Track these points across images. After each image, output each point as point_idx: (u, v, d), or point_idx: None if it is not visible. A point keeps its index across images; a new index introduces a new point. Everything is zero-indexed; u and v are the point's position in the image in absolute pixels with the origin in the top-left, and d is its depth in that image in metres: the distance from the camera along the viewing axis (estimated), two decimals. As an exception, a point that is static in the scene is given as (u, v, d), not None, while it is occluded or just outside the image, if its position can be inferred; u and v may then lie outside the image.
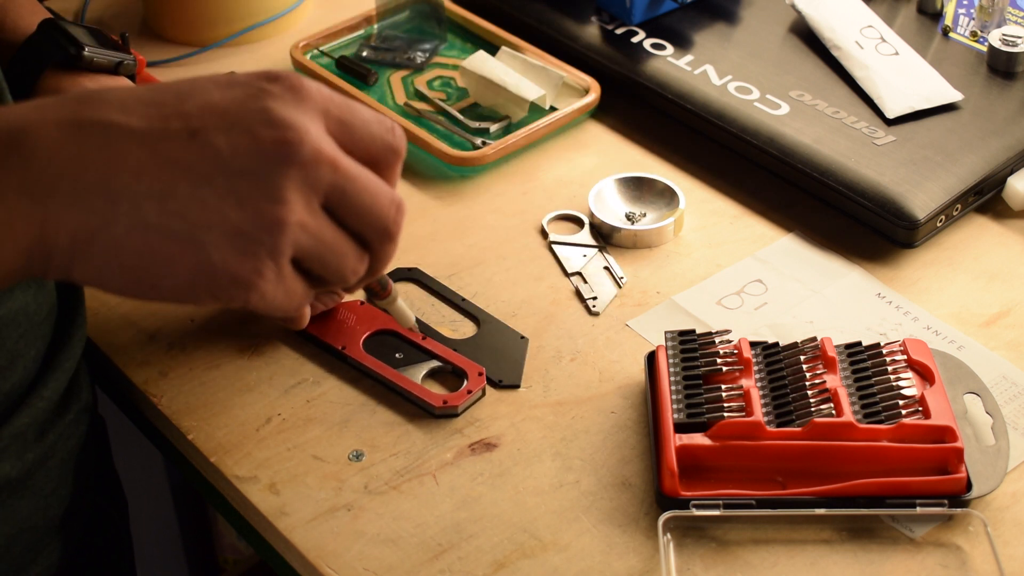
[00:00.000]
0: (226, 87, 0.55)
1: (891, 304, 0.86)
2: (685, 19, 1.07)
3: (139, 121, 0.53)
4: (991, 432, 0.75)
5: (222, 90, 0.55)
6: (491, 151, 0.97)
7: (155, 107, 0.53)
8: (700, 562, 0.70)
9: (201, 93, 0.54)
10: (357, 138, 0.57)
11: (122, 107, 0.53)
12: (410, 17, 1.11)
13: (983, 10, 1.01)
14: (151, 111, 0.53)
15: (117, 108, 0.53)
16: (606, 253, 0.91)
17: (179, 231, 0.53)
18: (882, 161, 0.91)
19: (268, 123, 0.53)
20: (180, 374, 0.82)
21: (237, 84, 0.55)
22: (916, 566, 0.70)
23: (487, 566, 0.71)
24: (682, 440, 0.73)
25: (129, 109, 0.53)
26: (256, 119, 0.53)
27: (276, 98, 0.54)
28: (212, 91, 0.55)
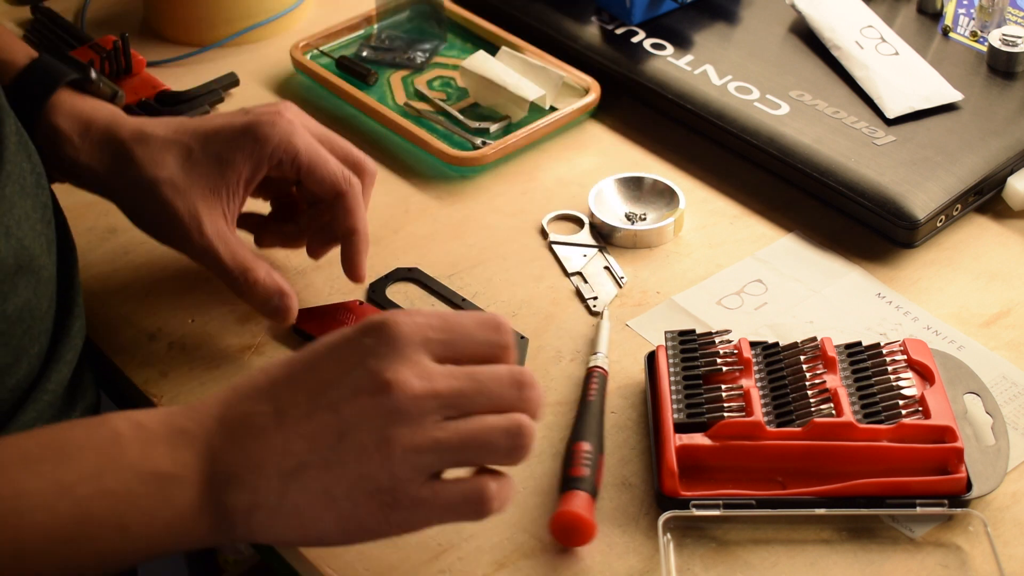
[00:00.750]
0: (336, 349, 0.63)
1: (891, 304, 0.86)
2: (685, 19, 1.07)
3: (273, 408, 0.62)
4: (991, 432, 0.75)
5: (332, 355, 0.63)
6: (491, 151, 0.97)
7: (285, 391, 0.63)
8: (700, 562, 0.70)
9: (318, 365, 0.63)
10: (462, 350, 0.64)
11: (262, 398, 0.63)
12: (410, 17, 1.11)
13: (983, 10, 1.01)
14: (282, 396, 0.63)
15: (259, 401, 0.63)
16: (606, 253, 0.91)
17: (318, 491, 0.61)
18: (882, 161, 0.91)
19: (366, 386, 0.61)
20: (180, 374, 0.82)
21: (345, 344, 0.63)
22: (916, 566, 0.70)
23: (487, 566, 0.71)
24: (682, 440, 0.73)
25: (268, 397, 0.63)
26: (358, 380, 0.62)
27: (374, 354, 0.62)
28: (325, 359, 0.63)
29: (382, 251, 0.91)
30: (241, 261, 0.81)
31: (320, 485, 0.61)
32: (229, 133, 0.81)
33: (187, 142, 0.81)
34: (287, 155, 0.81)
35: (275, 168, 0.81)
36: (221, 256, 0.80)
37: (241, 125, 0.81)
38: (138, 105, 1.03)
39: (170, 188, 0.80)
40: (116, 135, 0.81)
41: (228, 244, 0.81)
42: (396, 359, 0.62)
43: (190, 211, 0.80)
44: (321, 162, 0.81)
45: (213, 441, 0.62)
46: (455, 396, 0.62)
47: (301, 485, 0.61)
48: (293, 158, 0.81)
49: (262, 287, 0.81)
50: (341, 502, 0.61)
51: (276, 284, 0.81)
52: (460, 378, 0.62)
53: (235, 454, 0.62)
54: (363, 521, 0.62)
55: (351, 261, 0.84)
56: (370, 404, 0.61)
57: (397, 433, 0.61)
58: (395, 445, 0.61)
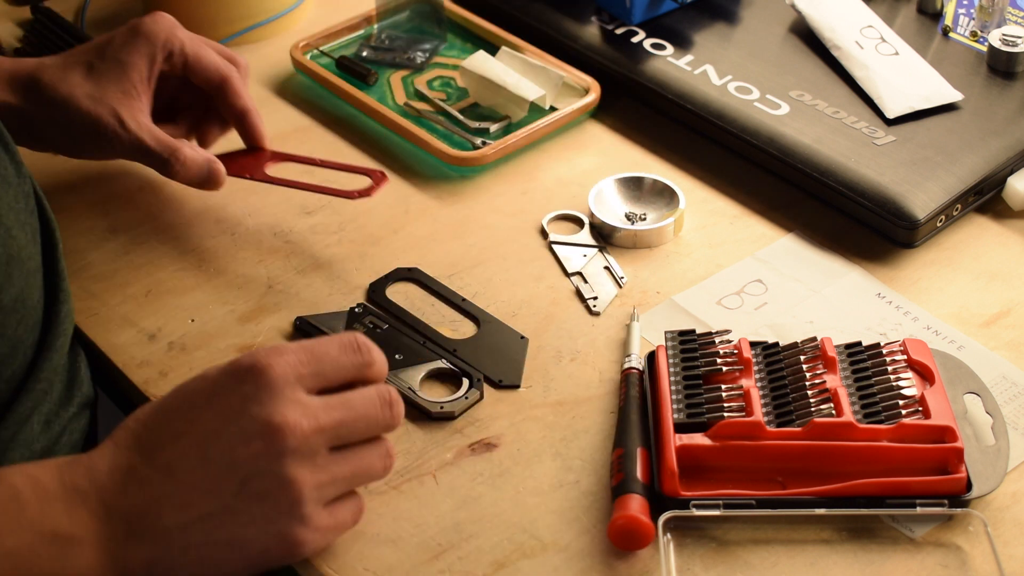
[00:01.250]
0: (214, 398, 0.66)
1: (891, 304, 0.86)
2: (685, 19, 1.07)
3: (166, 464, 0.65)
4: (991, 432, 0.75)
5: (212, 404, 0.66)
6: (491, 151, 0.97)
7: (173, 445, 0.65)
8: (700, 562, 0.70)
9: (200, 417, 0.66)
10: (332, 377, 0.68)
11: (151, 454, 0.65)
12: (410, 17, 1.11)
13: (983, 10, 1.01)
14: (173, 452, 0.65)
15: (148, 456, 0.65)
16: (606, 253, 0.91)
17: (222, 540, 0.65)
18: (882, 161, 0.91)
19: (257, 429, 0.64)
20: (180, 374, 0.82)
21: (221, 392, 0.66)
22: (916, 566, 0.70)
23: (487, 566, 0.71)
24: (682, 440, 0.73)
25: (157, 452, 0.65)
26: (246, 429, 0.64)
27: (251, 400, 0.65)
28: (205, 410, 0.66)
29: (382, 251, 0.91)
30: (167, 143, 0.88)
31: (226, 533, 0.65)
32: (120, 39, 0.89)
33: (86, 59, 0.88)
34: (174, 46, 0.89)
35: (165, 61, 0.89)
36: (148, 144, 0.87)
37: (128, 29, 0.90)
38: (138, 105, 1.03)
39: (86, 99, 0.87)
40: (23, 73, 0.88)
41: (152, 132, 0.88)
42: (278, 402, 0.65)
43: (111, 112, 0.87)
44: (204, 52, 0.90)
45: (106, 497, 0.64)
46: (338, 427, 0.66)
47: (205, 535, 0.64)
48: (180, 48, 0.89)
49: (191, 161, 0.88)
50: (250, 545, 0.65)
51: (202, 155, 0.89)
52: (338, 408, 0.67)
53: (129, 509, 0.64)
54: (271, 558, 0.66)
55: (254, 133, 0.93)
56: (264, 449, 0.64)
57: (298, 473, 0.65)
58: (300, 485, 0.65)
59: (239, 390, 0.66)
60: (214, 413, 0.66)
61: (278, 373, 0.66)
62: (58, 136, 0.89)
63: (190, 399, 0.67)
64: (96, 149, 0.89)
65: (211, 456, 0.65)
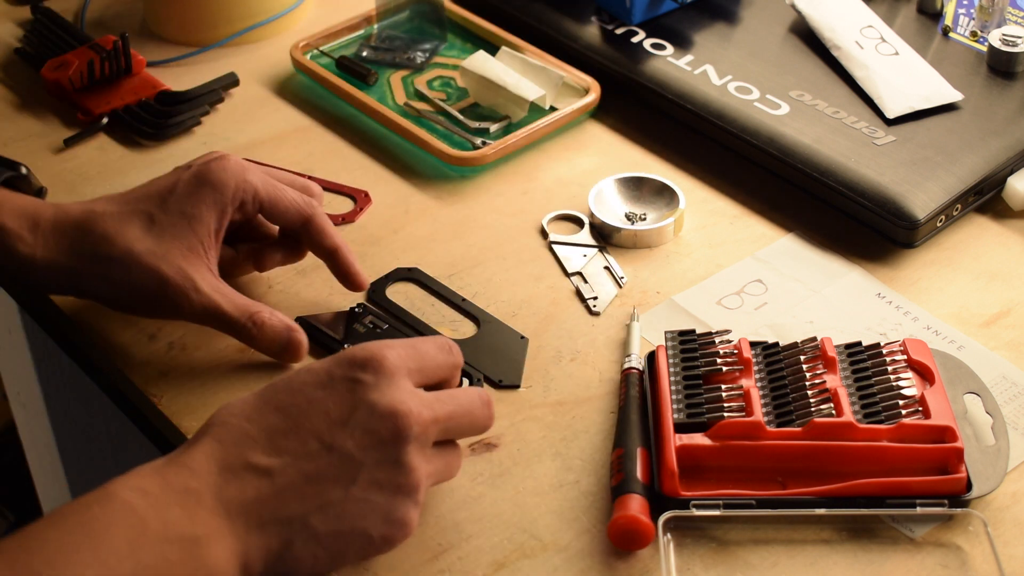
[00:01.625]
0: (328, 388, 0.67)
1: (891, 304, 0.86)
2: (685, 19, 1.07)
3: (277, 455, 0.65)
4: (991, 432, 0.75)
5: (327, 393, 0.67)
6: (491, 151, 0.97)
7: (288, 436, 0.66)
8: (700, 562, 0.70)
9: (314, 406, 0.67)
10: (431, 375, 0.70)
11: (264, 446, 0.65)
12: (410, 17, 1.11)
13: (983, 10, 1.01)
14: (288, 442, 0.66)
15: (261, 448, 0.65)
16: (606, 253, 0.91)
17: (343, 529, 0.66)
18: (882, 161, 0.91)
19: (379, 417, 0.66)
20: (180, 374, 0.82)
21: (335, 382, 0.67)
22: (916, 566, 0.70)
23: (487, 566, 0.71)
24: (682, 440, 0.73)
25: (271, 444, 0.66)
26: (368, 417, 0.66)
27: (371, 388, 0.67)
28: (321, 399, 0.67)
29: (382, 251, 0.91)
30: (244, 307, 0.80)
31: (349, 522, 0.66)
32: (184, 188, 0.80)
33: (145, 209, 0.80)
34: (247, 194, 0.81)
35: (237, 211, 0.81)
36: (224, 308, 0.79)
37: (193, 177, 0.80)
38: (138, 105, 1.03)
39: (150, 256, 0.78)
40: (69, 222, 0.80)
41: (226, 295, 0.80)
42: (398, 391, 0.67)
43: (179, 273, 0.78)
44: (280, 193, 0.82)
45: (222, 494, 0.64)
46: (448, 420, 0.68)
47: (328, 524, 0.65)
48: (253, 195, 0.81)
49: (270, 327, 0.80)
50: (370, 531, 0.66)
51: (283, 321, 0.81)
52: (449, 402, 0.69)
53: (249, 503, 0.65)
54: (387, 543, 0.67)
55: (348, 273, 0.85)
56: (389, 436, 0.66)
57: (417, 461, 0.67)
58: (419, 473, 0.67)
59: (357, 378, 0.67)
60: (333, 402, 0.67)
61: (394, 363, 0.67)
62: (118, 294, 0.81)
63: (302, 390, 0.67)
64: (160, 311, 0.81)
65: (333, 444, 0.66)
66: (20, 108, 1.06)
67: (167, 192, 0.80)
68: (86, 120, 1.02)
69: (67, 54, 1.06)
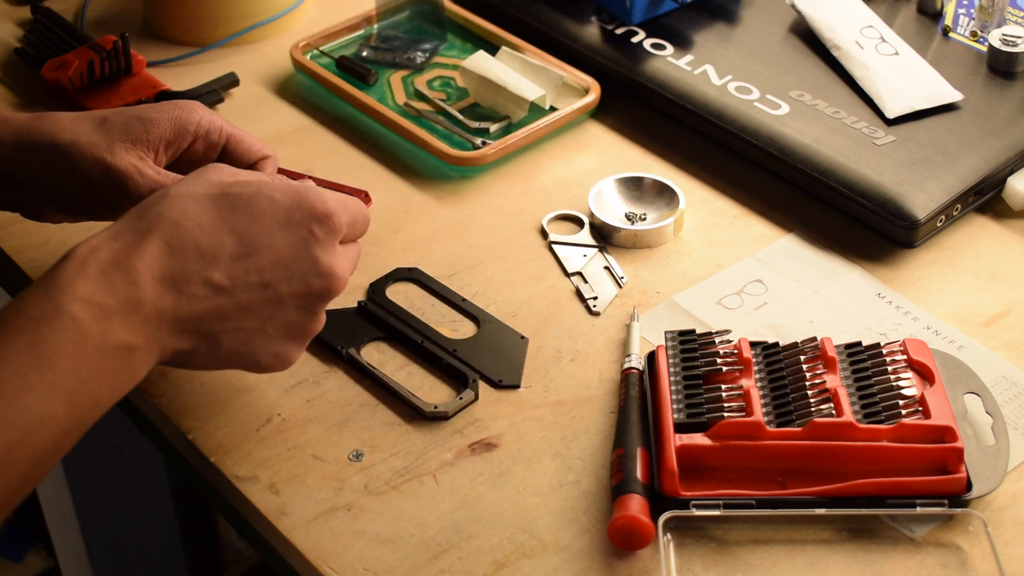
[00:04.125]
0: (285, 229, 0.71)
1: (891, 304, 0.86)
2: (685, 19, 1.07)
3: (225, 276, 0.70)
4: (991, 432, 0.75)
5: (282, 235, 0.71)
6: (491, 151, 0.97)
7: (237, 262, 0.70)
8: (700, 562, 0.70)
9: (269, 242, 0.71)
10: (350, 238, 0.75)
11: (214, 262, 0.69)
12: (410, 17, 1.11)
13: (983, 10, 1.01)
14: (235, 268, 0.70)
15: (210, 263, 0.69)
16: (606, 253, 0.91)
17: (244, 351, 0.72)
18: (882, 161, 0.91)
19: (317, 274, 0.72)
20: (180, 374, 0.82)
21: (292, 226, 0.71)
22: (916, 566, 0.70)
23: (487, 566, 0.71)
24: (682, 440, 0.73)
25: (219, 263, 0.70)
26: (309, 270, 0.72)
27: (319, 244, 0.72)
28: (277, 237, 0.71)
29: (382, 251, 0.91)
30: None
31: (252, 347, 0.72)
32: (148, 104, 0.82)
33: (99, 114, 0.81)
34: (214, 126, 0.83)
35: (199, 140, 0.82)
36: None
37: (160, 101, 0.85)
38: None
39: (94, 148, 0.79)
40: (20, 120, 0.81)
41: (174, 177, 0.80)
42: (337, 253, 0.73)
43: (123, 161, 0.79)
44: (243, 133, 0.85)
45: (160, 305, 0.68)
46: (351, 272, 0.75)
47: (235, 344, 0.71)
48: (220, 128, 0.83)
49: None
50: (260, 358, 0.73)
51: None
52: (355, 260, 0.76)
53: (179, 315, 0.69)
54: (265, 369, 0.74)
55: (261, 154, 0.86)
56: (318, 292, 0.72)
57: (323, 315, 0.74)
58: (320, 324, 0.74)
59: (311, 231, 0.72)
60: (284, 244, 0.71)
61: (340, 224, 0.73)
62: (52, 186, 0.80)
63: (261, 221, 0.71)
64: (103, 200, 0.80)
65: (271, 283, 0.71)
66: (20, 108, 1.06)
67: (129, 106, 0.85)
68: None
69: (67, 54, 1.06)
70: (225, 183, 0.72)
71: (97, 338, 0.65)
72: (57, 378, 0.64)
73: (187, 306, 0.69)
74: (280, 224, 0.71)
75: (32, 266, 0.90)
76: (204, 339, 0.70)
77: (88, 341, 0.65)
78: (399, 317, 0.86)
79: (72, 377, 0.64)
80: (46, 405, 0.63)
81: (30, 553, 1.71)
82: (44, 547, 1.68)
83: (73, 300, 0.65)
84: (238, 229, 0.71)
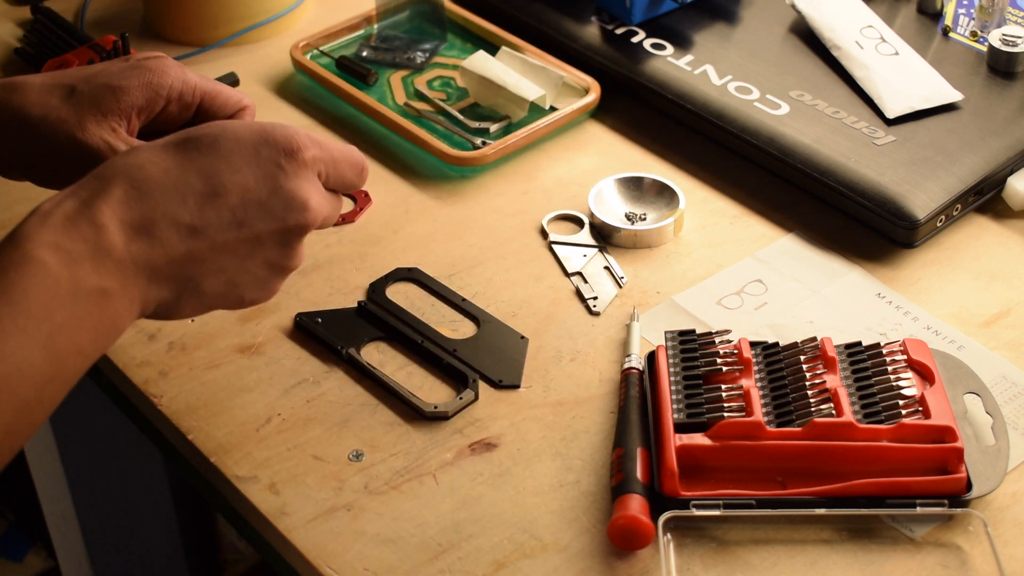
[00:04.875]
0: (254, 164, 0.69)
1: (891, 304, 0.86)
2: (685, 19, 1.07)
3: (196, 216, 0.68)
4: (991, 432, 0.75)
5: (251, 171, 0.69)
6: (491, 151, 0.97)
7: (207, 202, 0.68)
8: (700, 562, 0.70)
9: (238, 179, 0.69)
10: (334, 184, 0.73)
11: (182, 202, 0.68)
12: (410, 17, 1.11)
13: (983, 10, 1.01)
14: (206, 209, 0.68)
15: (178, 204, 0.67)
16: (606, 253, 0.91)
17: (228, 292, 0.71)
18: (882, 161, 0.91)
19: (291, 208, 0.70)
20: (180, 374, 0.82)
21: (261, 161, 0.70)
22: (916, 566, 0.70)
23: (487, 566, 0.71)
24: (682, 440, 0.73)
25: (187, 203, 0.68)
26: (282, 204, 0.69)
27: (291, 177, 0.70)
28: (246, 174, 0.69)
29: (382, 251, 0.91)
30: None
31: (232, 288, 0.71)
32: (117, 68, 0.79)
33: (68, 82, 0.78)
34: (187, 86, 0.80)
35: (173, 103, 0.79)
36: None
37: (129, 63, 0.80)
38: (138, 105, 1.03)
39: (64, 124, 0.77)
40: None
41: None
42: (311, 186, 0.71)
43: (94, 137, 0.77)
44: (219, 86, 0.81)
45: (131, 248, 0.66)
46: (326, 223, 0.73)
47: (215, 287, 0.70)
48: (193, 87, 0.80)
49: None
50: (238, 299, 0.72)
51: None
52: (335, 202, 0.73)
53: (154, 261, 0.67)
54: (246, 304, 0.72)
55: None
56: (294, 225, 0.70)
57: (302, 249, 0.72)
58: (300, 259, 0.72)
59: (280, 164, 0.70)
60: (255, 180, 0.69)
61: (311, 159, 0.71)
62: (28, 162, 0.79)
63: (229, 158, 0.69)
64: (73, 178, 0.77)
65: (245, 221, 0.69)
66: (20, 108, 1.06)
67: (99, 70, 0.79)
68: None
69: (67, 54, 1.06)
70: (187, 130, 0.71)
71: (68, 282, 0.64)
72: (30, 323, 0.62)
73: (161, 251, 0.67)
74: (247, 160, 0.69)
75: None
76: (185, 285, 0.69)
77: (59, 285, 0.63)
78: (399, 317, 0.86)
79: (46, 321, 0.62)
80: (21, 352, 0.61)
81: (30, 553, 1.71)
82: (44, 547, 1.68)
83: (39, 246, 0.64)
84: (204, 169, 0.69)
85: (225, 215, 0.68)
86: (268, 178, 0.69)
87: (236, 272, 0.70)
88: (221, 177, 0.69)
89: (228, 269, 0.69)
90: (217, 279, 0.69)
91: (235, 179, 0.69)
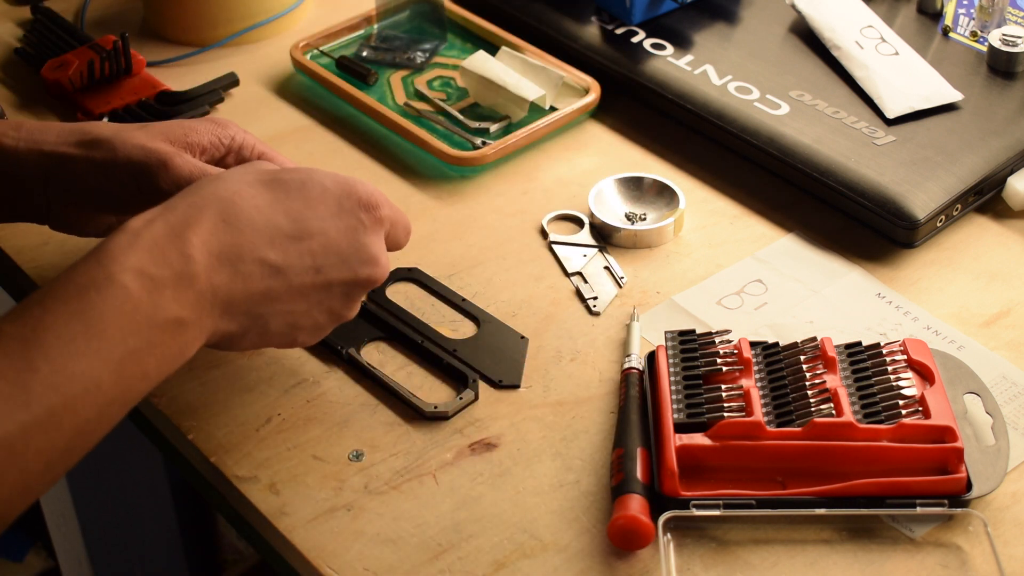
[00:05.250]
0: (337, 215, 0.72)
1: (891, 304, 0.86)
2: (685, 19, 1.07)
3: (280, 256, 0.70)
4: (991, 432, 0.75)
5: (335, 221, 0.72)
6: (491, 151, 0.97)
7: (292, 244, 0.71)
8: (700, 562, 0.70)
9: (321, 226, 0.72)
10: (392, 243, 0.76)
11: (269, 241, 0.70)
12: (410, 17, 1.11)
13: (983, 10, 1.01)
14: (291, 250, 0.71)
15: (266, 242, 0.70)
16: (606, 253, 0.91)
17: (287, 333, 0.73)
18: (882, 161, 0.91)
19: (365, 262, 0.73)
20: (180, 374, 0.82)
21: (343, 214, 0.73)
22: (916, 566, 0.70)
23: (487, 566, 0.71)
24: (682, 440, 0.73)
25: (274, 243, 0.70)
26: (357, 257, 0.73)
27: (368, 232, 0.73)
28: (328, 222, 0.72)
29: (382, 251, 0.91)
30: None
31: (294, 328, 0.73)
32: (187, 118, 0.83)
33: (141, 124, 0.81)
34: (247, 143, 0.83)
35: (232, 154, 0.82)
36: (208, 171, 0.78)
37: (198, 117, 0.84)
38: (138, 105, 1.03)
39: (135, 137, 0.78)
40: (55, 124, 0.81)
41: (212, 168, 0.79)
42: (380, 243, 0.74)
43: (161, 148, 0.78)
44: (274, 152, 0.84)
45: (215, 280, 0.68)
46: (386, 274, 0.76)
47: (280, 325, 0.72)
48: (252, 146, 0.83)
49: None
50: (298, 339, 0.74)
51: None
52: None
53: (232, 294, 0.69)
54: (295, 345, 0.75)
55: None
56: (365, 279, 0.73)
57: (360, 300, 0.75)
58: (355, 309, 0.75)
59: (360, 219, 0.73)
60: (336, 231, 0.72)
61: (385, 217, 0.74)
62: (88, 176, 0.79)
63: (315, 207, 0.72)
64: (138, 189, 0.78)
65: (323, 268, 0.72)
66: (20, 108, 1.06)
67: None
68: (86, 120, 1.02)
69: (67, 54, 1.06)
70: (275, 170, 0.73)
71: (147, 309, 0.65)
72: (104, 346, 0.63)
73: (242, 285, 0.69)
74: (331, 210, 0.72)
75: (32, 266, 0.90)
76: (255, 321, 0.71)
77: (138, 311, 0.64)
78: (399, 317, 0.86)
79: (120, 346, 0.64)
80: (92, 372, 0.63)
81: (30, 553, 1.71)
82: (44, 547, 1.68)
83: (124, 270, 0.65)
84: (292, 212, 0.71)
85: (306, 259, 0.71)
86: (349, 231, 0.72)
87: (301, 315, 0.73)
88: (307, 222, 0.71)
89: (296, 312, 0.72)
90: (283, 319, 0.72)
91: (320, 226, 0.72)
